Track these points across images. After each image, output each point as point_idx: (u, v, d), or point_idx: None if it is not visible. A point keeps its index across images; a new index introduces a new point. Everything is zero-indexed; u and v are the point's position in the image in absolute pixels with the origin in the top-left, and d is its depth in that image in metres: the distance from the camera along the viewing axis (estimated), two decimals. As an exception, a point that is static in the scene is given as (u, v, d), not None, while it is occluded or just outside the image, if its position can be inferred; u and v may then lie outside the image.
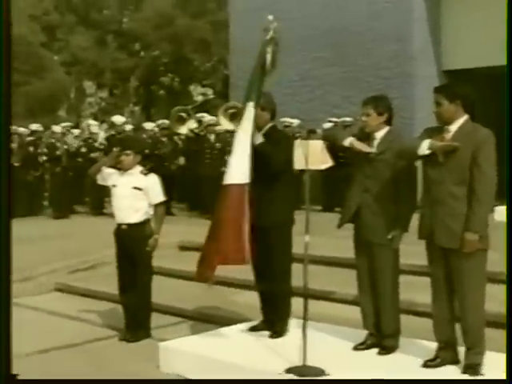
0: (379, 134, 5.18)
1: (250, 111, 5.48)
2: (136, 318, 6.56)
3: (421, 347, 5.22)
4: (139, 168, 6.53)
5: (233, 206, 5.25)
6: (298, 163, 4.91)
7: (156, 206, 6.50)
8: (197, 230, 6.81)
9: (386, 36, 14.37)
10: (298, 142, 4.99)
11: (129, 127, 14.76)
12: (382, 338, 5.22)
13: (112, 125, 14.62)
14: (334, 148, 5.14)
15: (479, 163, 4.54)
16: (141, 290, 6.53)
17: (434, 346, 5.05)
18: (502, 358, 4.86)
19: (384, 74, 14.16)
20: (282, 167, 5.48)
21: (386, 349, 5.18)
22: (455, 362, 4.81)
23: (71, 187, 14.80)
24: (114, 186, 6.50)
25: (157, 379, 4.61)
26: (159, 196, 6.51)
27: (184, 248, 9.66)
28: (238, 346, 5.52)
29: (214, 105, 26.73)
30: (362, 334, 5.38)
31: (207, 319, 7.04)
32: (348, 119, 12.99)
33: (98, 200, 14.78)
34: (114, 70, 28.18)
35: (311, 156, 4.79)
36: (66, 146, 14.79)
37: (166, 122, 14.51)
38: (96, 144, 14.63)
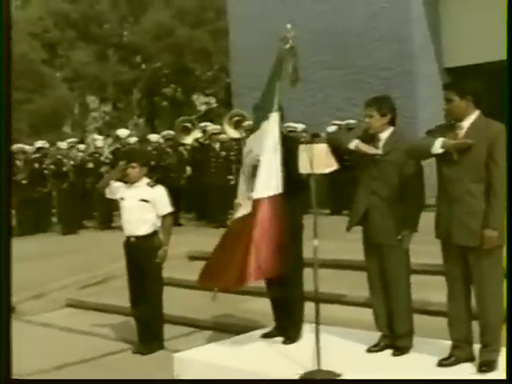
0: (384, 135, 5.15)
1: (275, 121, 5.41)
2: (149, 330, 6.57)
3: (434, 346, 5.17)
4: (146, 180, 6.56)
5: (270, 218, 5.23)
6: (303, 167, 4.89)
7: (164, 217, 6.52)
8: (205, 239, 6.83)
9: (386, 36, 14.36)
10: (302, 147, 4.97)
11: (134, 140, 14.77)
12: (396, 339, 5.19)
13: (117, 138, 14.64)
14: (339, 151, 5.12)
15: (495, 158, 4.50)
16: (152, 302, 6.53)
17: (447, 344, 5.03)
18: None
19: (385, 75, 14.15)
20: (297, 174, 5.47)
21: (400, 349, 5.15)
22: (470, 359, 4.77)
23: (79, 203, 14.82)
24: (121, 199, 6.56)
25: (156, 379, 4.57)
26: (167, 207, 6.53)
27: (193, 258, 9.64)
28: (252, 354, 5.50)
29: (217, 113, 26.82)
30: (374, 336, 5.35)
31: (220, 328, 7.04)
32: (352, 121, 12.95)
33: (107, 214, 14.79)
34: (116, 83, 28.21)
35: (316, 160, 4.77)
36: (72, 162, 14.83)
37: (171, 132, 14.56)
38: (102, 158, 14.65)
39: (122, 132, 14.75)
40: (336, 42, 15.00)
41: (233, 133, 13.47)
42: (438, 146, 4.61)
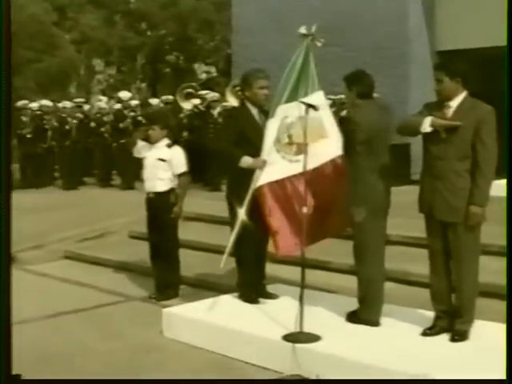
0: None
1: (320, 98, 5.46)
2: (165, 279, 6.75)
3: (413, 316, 5.16)
4: (166, 141, 6.72)
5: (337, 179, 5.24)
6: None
7: (179, 176, 6.67)
8: (200, 201, 6.81)
9: (383, 17, 14.16)
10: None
11: (135, 102, 14.63)
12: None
13: (119, 100, 14.51)
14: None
15: (483, 138, 4.45)
16: (169, 253, 6.75)
17: (425, 313, 5.03)
18: (492, 326, 4.86)
19: (380, 54, 13.95)
20: None
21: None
22: (451, 329, 4.73)
23: (80, 160, 14.74)
24: (144, 157, 6.78)
25: (163, 379, 4.56)
26: (182, 167, 6.69)
27: (187, 218, 9.60)
28: (238, 313, 5.46)
29: (216, 82, 26.59)
30: (354, 301, 5.26)
31: (208, 286, 7.00)
32: (344, 96, 12.82)
33: (106, 172, 14.73)
34: (122, 48, 27.93)
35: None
36: (75, 121, 14.70)
37: (170, 97, 14.43)
38: (105, 118, 14.53)
39: (124, 94, 14.65)
40: (334, 21, 14.75)
41: (234, 101, 13.49)
42: (426, 125, 4.56)
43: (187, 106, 14.17)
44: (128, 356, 5.11)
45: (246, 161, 5.42)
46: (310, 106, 4.67)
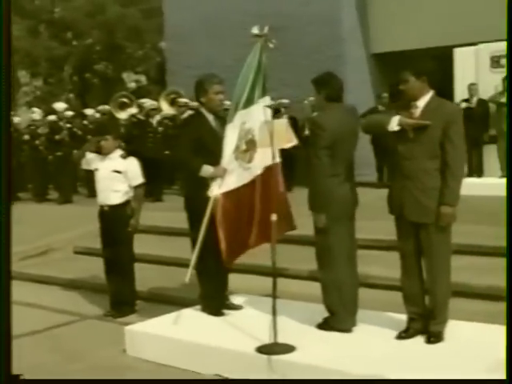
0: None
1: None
2: (121, 296, 6.53)
3: (381, 319, 5.09)
4: (119, 152, 6.53)
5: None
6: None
7: (135, 187, 6.49)
8: (143, 213, 6.59)
9: (318, 20, 14.21)
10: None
11: (69, 113, 14.21)
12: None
13: (53, 111, 14.08)
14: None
15: (451, 138, 4.41)
16: (124, 268, 6.52)
17: (396, 317, 4.96)
18: (467, 325, 4.84)
19: (316, 57, 13.99)
20: None
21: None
22: (425, 331, 4.67)
23: (13, 174, 14.22)
24: (96, 169, 6.55)
25: (156, 379, 4.35)
26: (138, 178, 6.52)
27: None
28: (204, 326, 5.27)
29: (147, 91, 26.20)
30: (319, 307, 5.14)
31: (164, 300, 6.79)
32: (285, 101, 12.76)
33: (41, 187, 14.27)
34: (48, 58, 27.17)
35: (277, 135, 4.55)
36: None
37: (107, 107, 14.10)
38: (39, 130, 14.08)
39: (59, 105, 14.23)
40: (270, 24, 14.74)
41: (168, 109, 13.31)
42: (394, 124, 4.52)
43: (122, 115, 13.87)
44: (95, 377, 4.85)
45: (207, 170, 5.25)
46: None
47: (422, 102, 4.53)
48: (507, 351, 3.60)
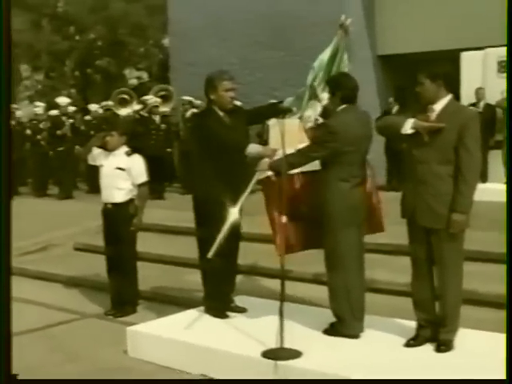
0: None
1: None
2: (123, 295, 6.42)
3: (392, 325, 4.99)
4: (125, 149, 6.38)
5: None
6: (274, 143, 4.54)
7: (139, 186, 6.35)
8: (145, 211, 6.47)
9: (323, 20, 14.08)
10: (273, 121, 4.62)
11: (72, 108, 14.11)
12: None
13: (55, 106, 13.96)
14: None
15: (466, 144, 4.31)
16: (126, 267, 6.40)
17: (405, 323, 4.87)
18: (477, 334, 4.74)
19: (322, 58, 13.90)
20: None
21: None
22: (434, 339, 4.57)
23: (13, 168, 14.11)
24: (101, 165, 6.42)
25: (158, 379, 4.24)
26: (142, 176, 6.38)
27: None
28: (208, 329, 5.16)
29: (149, 87, 26.05)
30: (324, 311, 5.06)
31: (166, 300, 6.71)
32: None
33: (42, 181, 14.17)
34: (50, 53, 27.04)
35: (288, 135, 4.44)
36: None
37: (110, 103, 13.99)
38: (40, 125, 13.96)
39: (62, 100, 14.12)
40: (275, 24, 14.67)
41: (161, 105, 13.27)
42: (408, 127, 4.42)
43: (123, 112, 13.78)
44: (95, 378, 4.75)
45: (254, 147, 5.06)
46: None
47: (438, 106, 4.42)
48: (507, 351, 3.51)
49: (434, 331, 4.58)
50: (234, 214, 4.97)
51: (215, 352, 4.68)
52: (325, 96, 4.96)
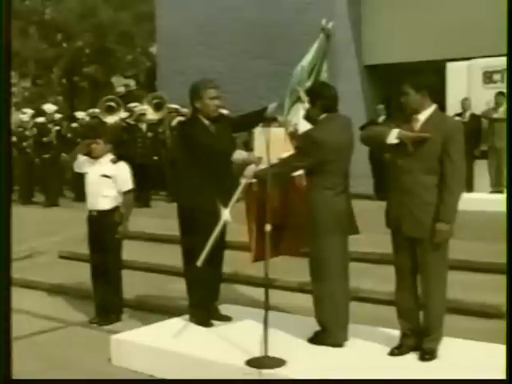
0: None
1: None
2: (107, 303, 6.41)
3: (376, 334, 5.01)
4: (110, 156, 6.39)
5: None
6: (259, 151, 4.56)
7: (125, 193, 6.35)
8: (131, 219, 6.47)
9: (311, 30, 14.14)
10: (259, 130, 4.64)
11: (59, 116, 14.07)
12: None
13: (42, 113, 13.92)
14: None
15: (450, 154, 4.33)
16: (111, 276, 6.39)
17: (388, 332, 4.89)
18: (461, 343, 4.76)
19: (309, 67, 13.96)
20: None
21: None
22: (418, 348, 4.59)
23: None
24: (86, 173, 6.43)
25: (156, 379, 4.22)
26: (128, 184, 6.38)
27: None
28: (193, 337, 5.15)
29: (136, 95, 26.03)
30: (309, 320, 5.05)
31: (150, 308, 6.70)
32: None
33: (27, 189, 14.11)
34: (37, 60, 27.01)
35: (273, 144, 4.46)
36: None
37: (97, 110, 13.96)
38: (27, 133, 13.92)
39: (49, 107, 14.07)
40: (264, 33, 14.74)
41: (152, 114, 13.20)
42: (392, 137, 4.44)
43: (110, 119, 13.73)
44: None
45: (240, 153, 5.06)
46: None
47: (423, 116, 4.45)
48: (507, 351, 3.53)
49: (418, 340, 4.59)
50: (225, 214, 4.93)
51: (199, 360, 4.67)
52: (305, 105, 4.96)
